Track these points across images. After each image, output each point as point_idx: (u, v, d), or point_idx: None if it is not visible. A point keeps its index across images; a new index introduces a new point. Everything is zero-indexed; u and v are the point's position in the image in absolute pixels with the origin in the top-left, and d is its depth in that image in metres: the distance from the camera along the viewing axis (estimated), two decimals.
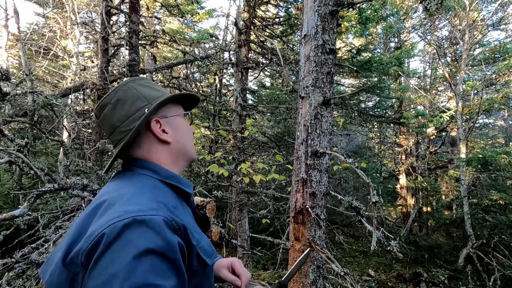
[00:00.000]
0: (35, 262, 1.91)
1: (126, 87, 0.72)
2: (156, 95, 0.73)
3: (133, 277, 0.46)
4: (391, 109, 6.89)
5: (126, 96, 0.71)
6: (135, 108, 0.70)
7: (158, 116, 0.72)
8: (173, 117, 0.76)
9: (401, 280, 4.80)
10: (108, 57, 4.35)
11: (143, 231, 0.51)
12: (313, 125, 1.37)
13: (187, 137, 0.79)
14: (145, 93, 0.73)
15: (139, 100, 0.71)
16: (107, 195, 0.61)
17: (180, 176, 0.74)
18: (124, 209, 0.54)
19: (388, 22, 5.89)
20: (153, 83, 0.78)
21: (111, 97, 0.72)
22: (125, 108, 0.70)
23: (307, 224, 1.32)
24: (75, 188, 1.93)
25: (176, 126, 0.76)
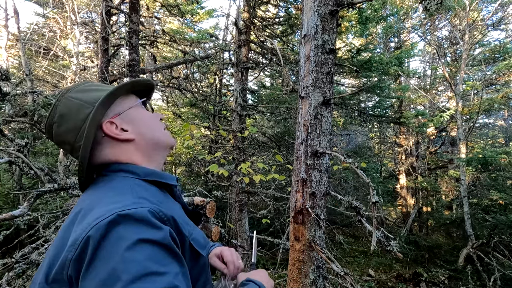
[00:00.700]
0: (35, 262, 1.91)
1: (64, 99, 0.65)
2: (98, 95, 0.65)
3: (132, 269, 0.44)
4: (391, 109, 6.89)
5: (67, 108, 0.64)
6: (81, 118, 0.63)
7: (110, 117, 0.66)
8: (128, 111, 0.69)
9: (401, 280, 4.80)
10: (108, 57, 4.35)
11: (130, 224, 0.48)
12: (313, 125, 1.37)
13: (152, 126, 0.71)
14: (87, 98, 0.65)
15: (82, 108, 0.64)
16: (82, 204, 0.58)
17: (159, 171, 0.69)
18: (104, 208, 0.51)
19: (388, 22, 5.90)
20: (95, 84, 0.70)
21: (53, 115, 0.65)
22: (71, 122, 0.64)
23: (307, 224, 1.32)
24: (75, 188, 1.93)
25: (134, 119, 0.69)
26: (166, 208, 0.57)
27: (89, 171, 0.65)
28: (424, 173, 7.72)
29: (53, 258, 0.52)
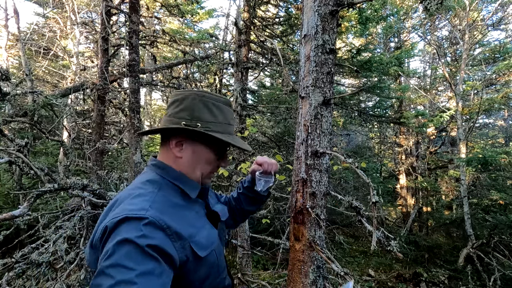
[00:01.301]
0: (35, 262, 1.90)
1: (187, 96, 0.82)
2: (204, 118, 0.80)
3: (112, 258, 0.59)
4: (391, 109, 6.89)
5: (185, 102, 0.81)
6: (180, 115, 0.81)
7: (185, 134, 0.81)
8: (201, 150, 0.83)
9: (401, 280, 4.80)
10: (108, 57, 4.35)
11: (128, 225, 0.64)
12: (313, 125, 1.37)
13: (199, 165, 0.84)
14: (197, 111, 0.80)
15: (185, 111, 0.81)
16: (124, 193, 0.76)
17: (187, 178, 0.83)
18: (123, 207, 0.68)
19: (388, 22, 5.89)
20: (217, 105, 0.83)
21: (177, 97, 0.84)
22: (178, 109, 0.82)
23: (307, 224, 1.32)
24: (75, 188, 1.93)
25: (194, 152, 0.83)
26: (170, 216, 0.70)
27: (158, 132, 0.87)
28: (424, 173, 7.72)
29: (95, 231, 0.71)
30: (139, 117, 3.37)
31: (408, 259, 5.39)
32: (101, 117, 4.36)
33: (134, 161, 3.25)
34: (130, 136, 3.37)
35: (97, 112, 4.32)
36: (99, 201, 2.44)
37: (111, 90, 4.44)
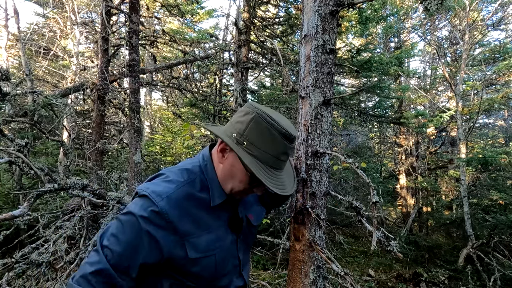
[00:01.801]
0: (35, 262, 1.90)
1: (249, 112, 0.80)
2: (252, 140, 0.78)
3: (120, 216, 0.77)
4: (391, 109, 6.88)
5: (245, 117, 0.80)
6: (235, 127, 0.81)
7: (231, 146, 0.80)
8: (240, 165, 0.82)
9: (401, 280, 4.80)
10: (108, 57, 4.35)
11: (141, 202, 0.76)
12: (313, 125, 1.37)
13: (233, 180, 0.85)
14: (249, 130, 0.79)
15: (240, 124, 0.81)
16: (166, 169, 0.87)
17: (218, 185, 0.86)
18: (154, 183, 0.81)
19: (388, 22, 5.89)
20: (273, 134, 0.77)
21: (243, 110, 0.83)
22: (237, 119, 0.83)
23: (307, 224, 1.32)
24: (75, 188, 1.92)
25: (233, 165, 0.84)
26: (180, 212, 0.78)
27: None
28: (424, 173, 7.72)
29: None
30: (139, 117, 3.37)
31: (408, 259, 5.38)
32: (101, 117, 4.36)
33: (134, 161, 3.24)
34: (130, 136, 3.36)
35: (97, 112, 4.32)
36: (99, 201, 2.44)
37: (111, 90, 4.44)
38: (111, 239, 0.74)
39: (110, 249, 0.72)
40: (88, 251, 2.14)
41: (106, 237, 0.75)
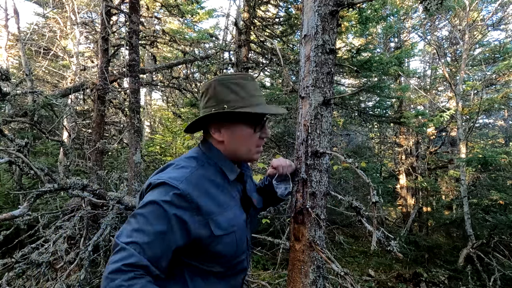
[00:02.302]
0: (35, 262, 1.90)
1: (209, 85, 0.89)
2: (227, 99, 0.86)
3: (140, 210, 0.74)
4: (391, 109, 6.88)
5: (209, 91, 0.89)
6: (209, 104, 0.88)
7: (221, 119, 0.88)
8: (237, 130, 0.90)
9: (401, 280, 4.80)
10: (108, 57, 4.35)
11: (160, 189, 0.77)
12: (313, 125, 1.37)
13: (240, 144, 0.91)
14: (220, 95, 0.87)
15: (211, 99, 0.88)
16: (172, 161, 0.89)
17: (228, 163, 0.92)
18: (167, 172, 0.83)
19: (388, 22, 5.88)
20: (236, 82, 0.89)
21: (203, 90, 0.91)
22: (206, 99, 0.89)
23: (307, 224, 1.32)
24: (75, 188, 1.92)
25: (232, 132, 0.90)
26: (200, 193, 0.80)
27: (191, 130, 0.97)
28: (424, 173, 7.71)
29: (145, 184, 0.84)
30: (139, 117, 3.37)
31: (408, 259, 5.38)
32: (101, 117, 4.36)
33: (134, 161, 3.24)
34: (130, 136, 3.36)
35: (97, 112, 4.32)
36: (99, 201, 2.44)
37: (111, 90, 4.44)
38: (135, 234, 0.70)
39: (138, 243, 0.69)
40: (88, 251, 2.14)
41: (126, 235, 0.70)
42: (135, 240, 0.69)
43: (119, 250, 0.69)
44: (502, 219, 4.34)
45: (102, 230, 2.32)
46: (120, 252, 0.68)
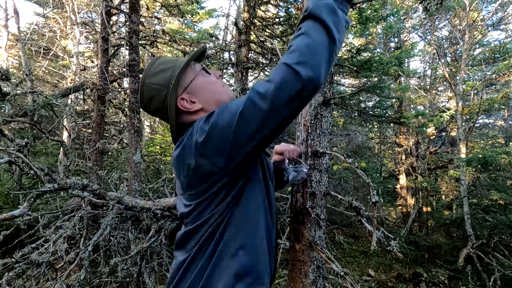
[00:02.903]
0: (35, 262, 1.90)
1: (145, 86, 0.85)
2: (167, 76, 0.83)
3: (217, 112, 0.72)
4: (391, 109, 6.89)
5: (150, 94, 0.85)
6: (162, 99, 0.84)
7: (180, 94, 0.84)
8: (192, 85, 0.86)
9: (401, 280, 4.80)
10: (108, 57, 4.35)
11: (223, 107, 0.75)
12: (313, 125, 1.37)
13: (213, 91, 0.88)
14: (161, 81, 0.84)
15: (160, 91, 0.83)
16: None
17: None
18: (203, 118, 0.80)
19: (388, 22, 5.89)
20: (161, 63, 0.86)
21: (143, 100, 0.87)
22: (156, 103, 0.85)
23: (307, 224, 1.32)
24: (75, 188, 1.93)
25: (198, 89, 0.86)
26: None
27: (179, 129, 0.87)
28: (424, 173, 7.71)
29: (179, 160, 0.79)
30: (139, 117, 3.37)
31: (408, 259, 5.38)
32: (101, 117, 4.36)
33: (134, 161, 3.24)
34: (130, 136, 3.36)
35: (97, 112, 4.32)
36: (99, 201, 2.44)
37: (111, 90, 4.44)
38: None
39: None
40: (88, 251, 2.14)
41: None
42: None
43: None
44: (502, 219, 4.34)
45: (102, 230, 2.32)
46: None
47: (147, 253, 2.56)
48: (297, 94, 0.61)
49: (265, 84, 0.64)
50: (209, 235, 0.76)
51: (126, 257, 2.30)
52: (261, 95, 0.63)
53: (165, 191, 4.05)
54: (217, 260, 0.75)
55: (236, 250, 0.75)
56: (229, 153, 0.68)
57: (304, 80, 0.60)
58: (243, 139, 0.66)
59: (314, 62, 0.61)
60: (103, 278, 2.84)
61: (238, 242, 0.76)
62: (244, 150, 0.68)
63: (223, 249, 0.75)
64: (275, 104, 0.62)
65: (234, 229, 0.76)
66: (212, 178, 0.73)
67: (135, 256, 2.30)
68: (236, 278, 0.74)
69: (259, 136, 0.65)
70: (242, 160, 0.70)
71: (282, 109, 0.62)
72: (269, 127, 0.64)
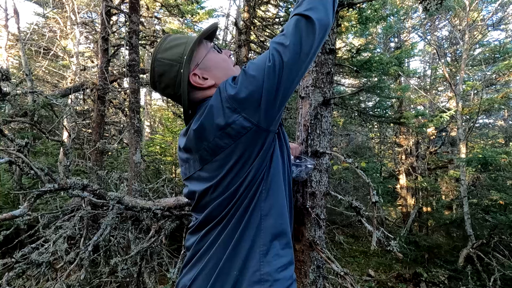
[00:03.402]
0: (35, 262, 1.91)
1: (157, 61, 0.84)
2: (180, 52, 0.82)
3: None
4: (391, 109, 6.89)
5: (162, 69, 0.83)
6: (173, 75, 0.83)
7: (192, 70, 0.83)
8: (204, 60, 0.85)
9: (401, 280, 4.80)
10: (108, 57, 4.35)
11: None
12: (313, 125, 1.37)
13: (226, 68, 0.88)
14: (173, 57, 0.82)
15: (172, 67, 0.82)
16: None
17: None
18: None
19: (388, 22, 5.89)
20: (173, 39, 0.86)
21: (154, 75, 0.85)
22: (167, 79, 0.84)
23: (307, 224, 1.32)
24: (75, 188, 1.92)
25: (211, 66, 0.86)
26: None
27: (191, 107, 0.87)
28: (424, 173, 7.71)
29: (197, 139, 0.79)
30: (139, 117, 3.37)
31: (408, 259, 5.38)
32: (101, 117, 4.36)
33: (134, 161, 3.24)
34: (130, 136, 3.36)
35: (97, 112, 4.32)
36: (99, 201, 2.44)
37: (111, 90, 4.44)
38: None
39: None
40: (88, 251, 2.14)
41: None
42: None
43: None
44: (502, 219, 4.34)
45: (102, 230, 2.31)
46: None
47: (147, 253, 2.56)
48: (312, 35, 0.70)
49: (281, 37, 0.72)
50: (244, 199, 0.77)
51: (126, 257, 2.30)
52: (281, 46, 0.70)
53: (165, 191, 4.05)
54: (250, 222, 0.77)
55: (269, 211, 0.78)
56: (260, 104, 0.71)
57: (315, 21, 0.69)
58: (273, 90, 0.70)
59: (321, 6, 0.72)
60: (103, 278, 2.85)
61: (271, 205, 0.79)
62: (275, 102, 0.72)
63: (255, 212, 0.77)
64: (296, 50, 0.69)
65: (267, 194, 0.78)
66: (246, 135, 0.73)
67: (135, 256, 2.30)
68: (272, 238, 0.78)
69: (285, 85, 0.71)
70: (273, 113, 0.73)
71: (302, 54, 0.70)
72: (294, 75, 0.71)
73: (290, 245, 0.82)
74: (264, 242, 0.76)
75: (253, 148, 0.75)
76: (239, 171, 0.75)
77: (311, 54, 0.72)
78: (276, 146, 0.80)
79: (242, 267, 0.75)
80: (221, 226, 0.78)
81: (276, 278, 0.75)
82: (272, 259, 0.76)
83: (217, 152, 0.76)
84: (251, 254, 0.76)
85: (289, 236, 0.82)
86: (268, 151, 0.77)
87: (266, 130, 0.74)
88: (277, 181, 0.80)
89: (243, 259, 0.76)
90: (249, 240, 0.76)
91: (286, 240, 0.81)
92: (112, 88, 4.55)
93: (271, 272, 0.75)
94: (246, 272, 0.75)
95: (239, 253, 0.76)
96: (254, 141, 0.74)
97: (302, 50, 0.70)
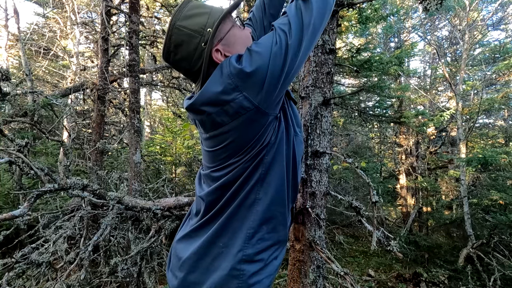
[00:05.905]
0: (35, 262, 1.91)
1: (176, 29, 0.75)
2: (202, 22, 0.75)
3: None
4: (391, 108, 6.88)
5: (180, 39, 0.75)
6: (192, 47, 0.75)
7: (215, 44, 0.77)
8: (227, 36, 0.79)
9: (401, 280, 4.80)
10: (108, 57, 4.35)
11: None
12: (313, 125, 1.37)
13: (245, 43, 0.81)
14: (193, 27, 0.75)
15: (192, 38, 0.75)
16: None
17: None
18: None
19: (388, 22, 5.89)
20: (195, 6, 0.78)
21: (169, 45, 0.77)
22: (184, 51, 0.76)
23: (307, 224, 1.32)
24: (75, 188, 1.92)
25: (233, 42, 0.80)
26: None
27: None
28: (424, 173, 7.71)
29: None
30: (139, 117, 3.37)
31: (408, 259, 5.38)
32: (101, 117, 4.36)
33: (134, 161, 3.24)
34: (130, 136, 3.37)
35: (97, 112, 4.32)
36: (99, 201, 2.44)
37: (111, 90, 4.44)
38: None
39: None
40: (88, 251, 2.14)
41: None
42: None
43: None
44: (502, 219, 4.34)
45: (102, 230, 2.31)
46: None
47: (147, 253, 2.56)
48: (311, 11, 0.72)
49: (284, 18, 0.73)
50: (238, 179, 0.77)
51: (126, 257, 2.30)
52: (283, 26, 0.71)
53: (165, 191, 4.05)
54: (243, 203, 0.79)
55: (264, 195, 0.79)
56: (264, 84, 0.69)
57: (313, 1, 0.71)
58: (279, 69, 0.69)
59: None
60: (103, 278, 2.85)
61: (267, 190, 0.79)
62: (278, 82, 0.71)
63: (251, 194, 0.78)
64: (297, 31, 0.70)
65: (265, 178, 0.79)
66: (243, 116, 0.71)
67: (135, 256, 2.30)
68: (262, 222, 0.79)
69: (290, 65, 0.71)
70: (274, 95, 0.72)
71: (304, 34, 0.71)
72: (298, 56, 0.72)
73: (277, 229, 0.82)
74: (253, 225, 0.78)
75: (249, 130, 0.73)
76: (234, 152, 0.76)
77: (316, 31, 0.73)
78: (280, 131, 0.78)
79: (228, 243, 0.78)
80: (220, 200, 0.81)
81: (255, 259, 0.78)
82: (256, 243, 0.79)
83: (213, 128, 0.75)
84: (238, 233, 0.78)
85: (279, 219, 0.82)
86: (265, 135, 0.75)
87: (266, 113, 0.72)
88: (278, 165, 0.79)
89: (229, 236, 0.78)
90: (240, 220, 0.78)
91: (274, 224, 0.82)
92: (112, 88, 4.55)
93: (252, 255, 0.78)
94: (231, 248, 0.78)
95: (227, 230, 0.79)
96: (251, 123, 0.72)
97: (305, 28, 0.71)
